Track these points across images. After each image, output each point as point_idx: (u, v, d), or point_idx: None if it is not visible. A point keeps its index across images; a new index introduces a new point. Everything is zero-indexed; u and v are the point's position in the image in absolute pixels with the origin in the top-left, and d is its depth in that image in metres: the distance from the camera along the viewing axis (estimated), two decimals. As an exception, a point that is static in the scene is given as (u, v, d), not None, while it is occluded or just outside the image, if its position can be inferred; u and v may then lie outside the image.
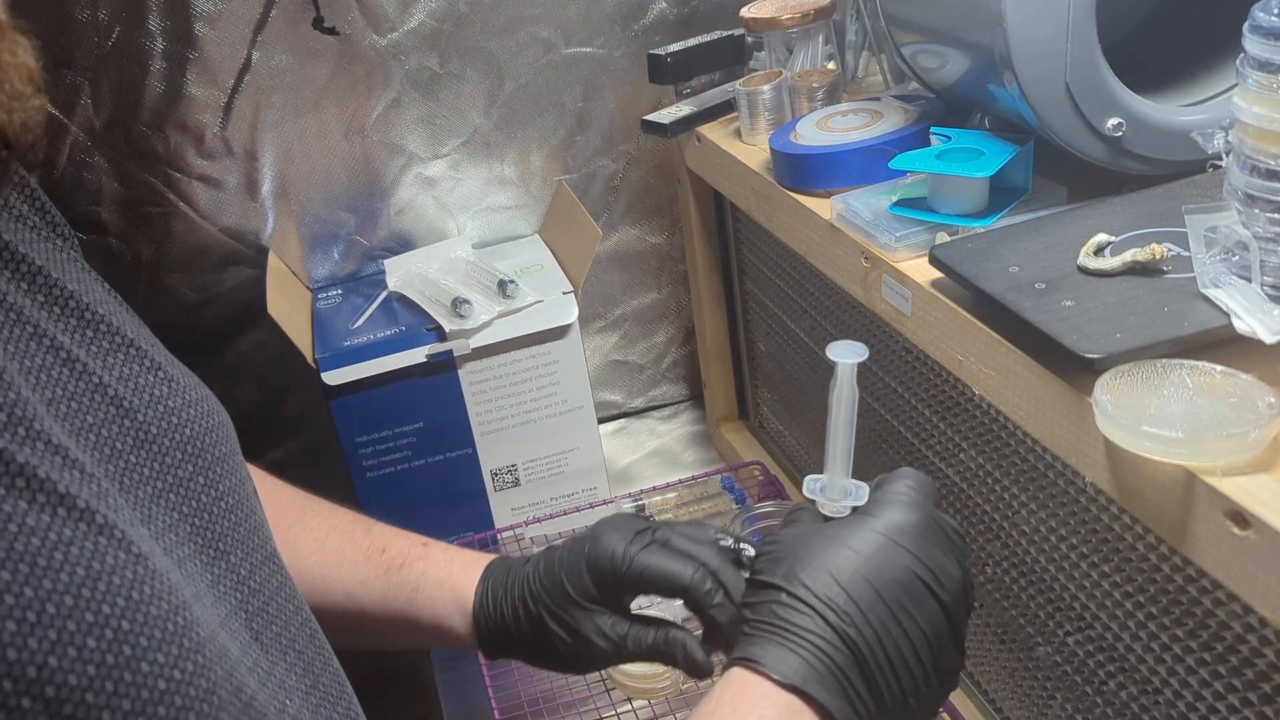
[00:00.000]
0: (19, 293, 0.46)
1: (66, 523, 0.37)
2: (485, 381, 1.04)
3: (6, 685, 0.33)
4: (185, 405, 0.51)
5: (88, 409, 0.45)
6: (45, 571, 0.35)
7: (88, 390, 0.46)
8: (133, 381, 0.49)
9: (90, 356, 0.47)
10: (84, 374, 0.46)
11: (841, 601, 0.51)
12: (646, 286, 1.24)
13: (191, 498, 0.49)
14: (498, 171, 1.13)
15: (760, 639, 0.52)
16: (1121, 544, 0.60)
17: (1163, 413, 0.49)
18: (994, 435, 0.70)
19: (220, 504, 0.51)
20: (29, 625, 0.34)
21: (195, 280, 1.08)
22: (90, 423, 0.45)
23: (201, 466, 0.51)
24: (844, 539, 0.54)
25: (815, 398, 1.01)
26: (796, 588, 0.52)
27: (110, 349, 0.49)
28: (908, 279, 0.69)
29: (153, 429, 0.48)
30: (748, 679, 0.51)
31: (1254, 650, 0.52)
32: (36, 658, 0.34)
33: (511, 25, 1.06)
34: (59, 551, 0.36)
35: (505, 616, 0.67)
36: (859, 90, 1.01)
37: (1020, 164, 0.73)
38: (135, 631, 0.37)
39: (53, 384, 0.44)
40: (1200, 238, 0.55)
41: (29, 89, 0.43)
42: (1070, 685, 0.69)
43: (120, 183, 1.02)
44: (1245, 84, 0.52)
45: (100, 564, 0.38)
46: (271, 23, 0.99)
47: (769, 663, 0.50)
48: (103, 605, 0.37)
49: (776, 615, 0.52)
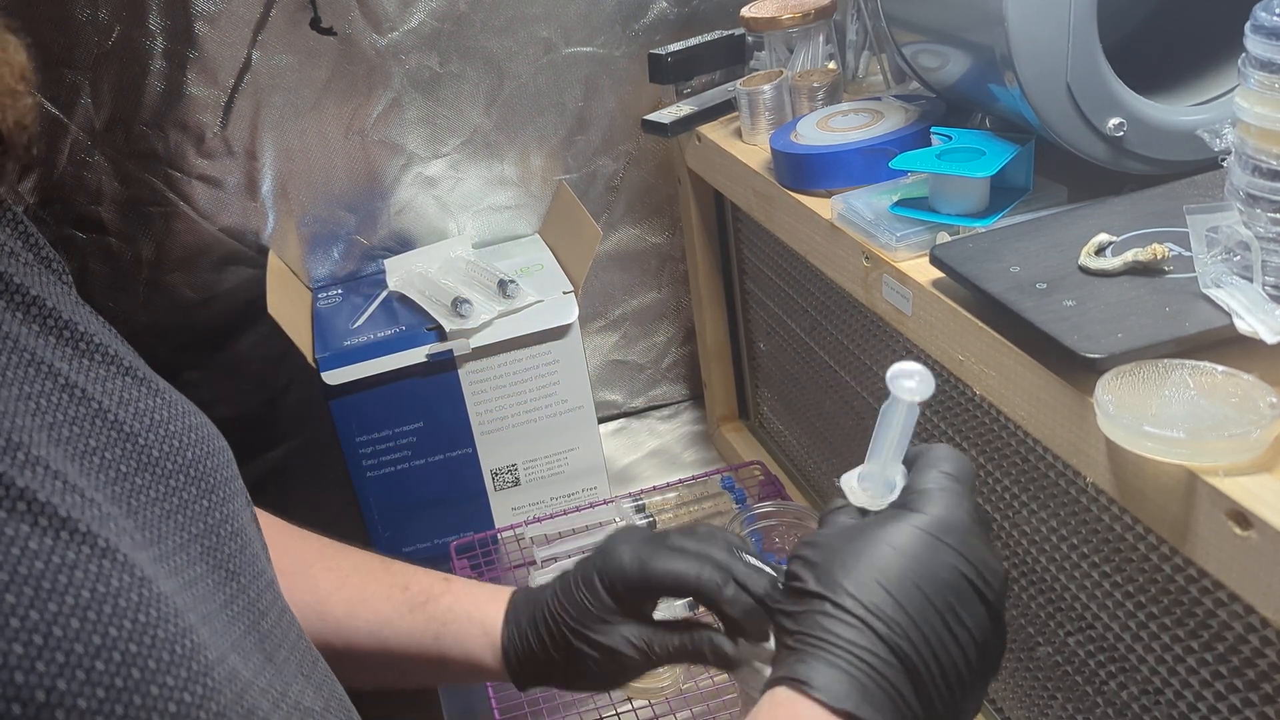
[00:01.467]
0: (14, 321, 0.46)
1: (70, 546, 0.37)
2: (485, 381, 1.04)
3: (15, 710, 0.33)
4: (186, 430, 0.51)
5: (89, 433, 0.45)
6: (51, 594, 0.35)
7: (88, 415, 0.45)
8: (133, 406, 0.48)
9: (89, 383, 0.47)
10: (83, 399, 0.46)
11: (890, 610, 0.48)
12: (646, 286, 1.24)
13: (198, 519, 0.49)
14: (498, 171, 1.13)
15: (807, 655, 0.49)
16: (1123, 544, 0.60)
17: (1164, 413, 0.49)
18: (995, 435, 0.70)
19: (225, 526, 0.51)
20: (36, 648, 0.34)
21: (195, 280, 1.08)
22: (93, 446, 0.45)
23: (205, 490, 0.50)
24: (886, 538, 0.50)
25: (815, 398, 1.01)
26: (841, 597, 0.49)
27: (108, 375, 0.49)
28: (908, 279, 0.69)
29: (154, 452, 0.48)
30: (798, 702, 0.48)
31: (1255, 651, 0.52)
32: (45, 681, 0.33)
33: (511, 25, 1.06)
34: (63, 574, 0.36)
35: (532, 644, 0.67)
36: (860, 90, 1.01)
37: (1021, 164, 0.73)
38: (144, 654, 0.37)
39: (52, 410, 0.43)
40: (1202, 238, 0.55)
41: (21, 86, 0.43)
42: (1071, 685, 0.69)
43: (120, 182, 1.02)
44: (1247, 84, 0.52)
45: (106, 587, 0.37)
46: (271, 23, 0.99)
47: (820, 684, 0.47)
48: (109, 628, 0.36)
49: (822, 628, 0.49)
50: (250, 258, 1.08)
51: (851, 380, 0.91)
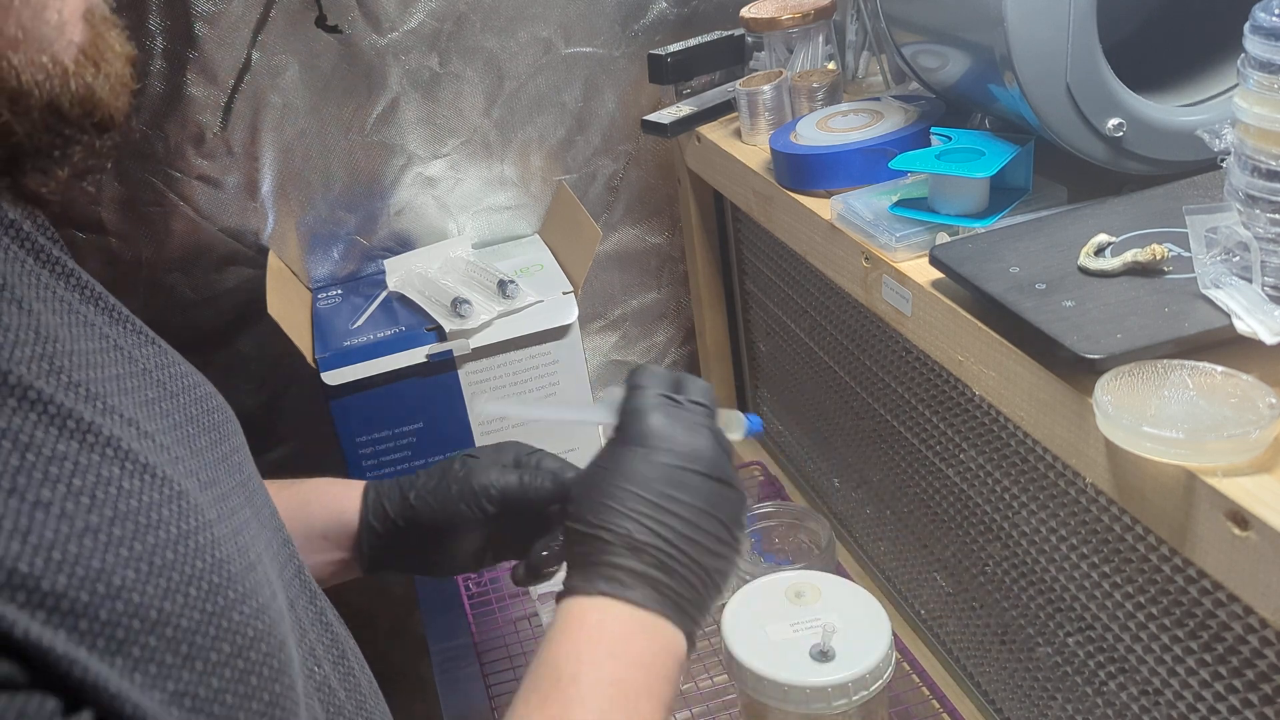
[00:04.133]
0: (62, 287, 0.49)
1: (153, 487, 0.42)
2: (485, 381, 1.04)
3: (135, 624, 0.37)
4: (208, 395, 0.55)
5: (143, 386, 0.48)
6: (148, 529, 0.40)
7: (137, 373, 0.49)
8: (167, 370, 0.52)
9: (131, 346, 0.51)
10: (130, 360, 0.49)
11: (619, 519, 0.56)
12: (646, 286, 1.24)
13: (235, 471, 0.53)
14: (498, 171, 1.13)
15: (575, 571, 0.58)
16: (1122, 544, 0.60)
17: (1163, 413, 0.49)
18: (994, 435, 0.70)
19: (253, 481, 0.55)
20: (144, 574, 0.39)
21: (195, 280, 1.08)
22: (150, 397, 0.48)
23: (233, 448, 0.54)
24: (613, 467, 0.59)
25: (815, 398, 1.01)
26: (585, 525, 0.57)
27: (141, 342, 0.52)
28: (908, 279, 0.69)
29: (193, 410, 0.52)
30: (581, 601, 0.56)
31: (1255, 651, 0.52)
32: (155, 601, 0.38)
33: (511, 25, 1.06)
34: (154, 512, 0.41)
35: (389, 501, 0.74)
36: (859, 90, 1.01)
37: (1021, 164, 0.73)
38: (224, 585, 0.42)
39: (112, 364, 0.47)
40: (1201, 238, 0.55)
41: (129, 74, 0.46)
42: (1070, 686, 0.69)
43: (120, 183, 1.02)
44: (1246, 84, 0.52)
45: (186, 524, 0.42)
46: (271, 23, 0.99)
47: (583, 587, 0.56)
48: (195, 560, 0.41)
49: (582, 550, 0.57)
50: (250, 258, 1.08)
51: (851, 380, 0.91)
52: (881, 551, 0.95)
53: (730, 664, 0.74)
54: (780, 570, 0.81)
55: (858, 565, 0.99)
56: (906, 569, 0.91)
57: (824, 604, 0.75)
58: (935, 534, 0.83)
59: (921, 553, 0.86)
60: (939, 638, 0.88)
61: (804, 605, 0.75)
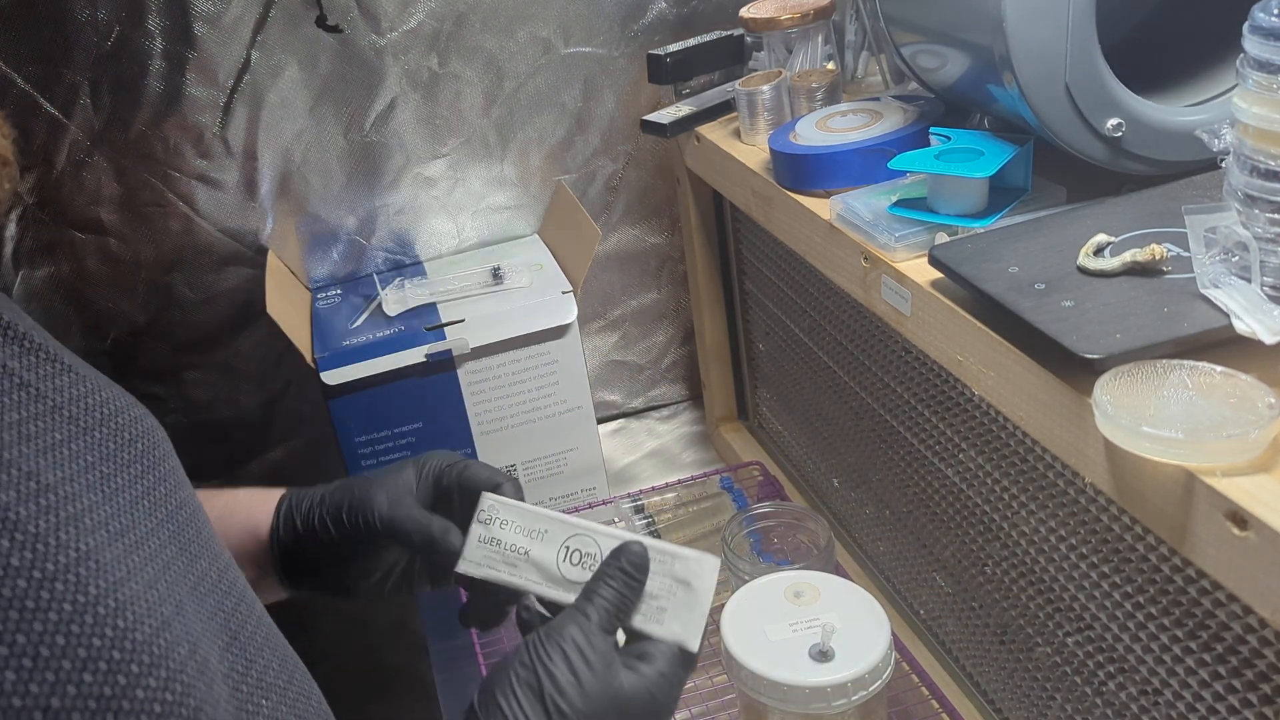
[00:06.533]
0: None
1: (48, 558, 0.38)
2: (484, 381, 1.04)
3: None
4: (131, 421, 0.52)
5: (50, 429, 0.45)
6: (35, 613, 0.36)
7: (45, 412, 0.46)
8: (81, 402, 0.49)
9: (39, 380, 0.48)
10: (38, 397, 0.46)
11: None
12: (646, 286, 1.24)
13: (160, 505, 0.50)
14: (497, 171, 1.13)
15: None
16: (1121, 544, 0.60)
17: (1163, 413, 0.49)
18: (994, 435, 0.70)
19: (182, 511, 0.52)
20: (27, 671, 0.34)
21: (195, 280, 1.08)
22: (57, 440, 0.45)
23: (159, 477, 0.51)
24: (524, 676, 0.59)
25: (814, 398, 1.01)
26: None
27: (53, 373, 0.49)
28: (907, 279, 0.69)
29: (110, 444, 0.49)
30: None
31: (1254, 651, 0.52)
32: (40, 702, 0.34)
33: (511, 25, 1.06)
34: (45, 590, 0.37)
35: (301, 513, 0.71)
36: (858, 90, 1.01)
37: (1020, 164, 0.73)
38: (126, 660, 0.38)
39: (15, 407, 0.44)
40: (1200, 238, 0.55)
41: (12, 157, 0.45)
42: (1070, 685, 0.69)
43: (120, 183, 1.02)
44: (1245, 84, 0.52)
45: (85, 596, 0.38)
46: (271, 23, 0.99)
47: None
48: (93, 639, 0.37)
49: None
50: (249, 258, 1.08)
51: (850, 380, 0.91)
52: (881, 551, 0.95)
53: (730, 664, 0.74)
54: (779, 570, 0.81)
55: (857, 565, 0.99)
56: (906, 569, 0.91)
57: (823, 604, 0.75)
58: (935, 534, 0.83)
59: (921, 553, 0.86)
60: (938, 638, 0.88)
61: (803, 605, 0.75)
